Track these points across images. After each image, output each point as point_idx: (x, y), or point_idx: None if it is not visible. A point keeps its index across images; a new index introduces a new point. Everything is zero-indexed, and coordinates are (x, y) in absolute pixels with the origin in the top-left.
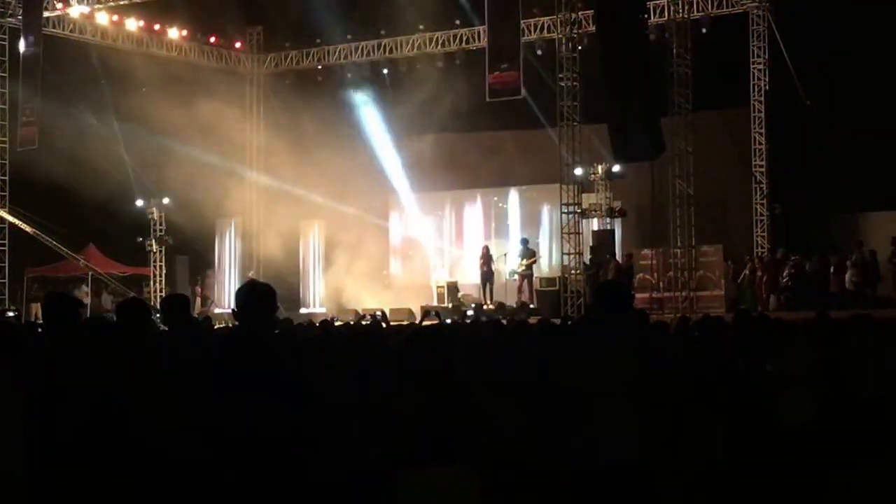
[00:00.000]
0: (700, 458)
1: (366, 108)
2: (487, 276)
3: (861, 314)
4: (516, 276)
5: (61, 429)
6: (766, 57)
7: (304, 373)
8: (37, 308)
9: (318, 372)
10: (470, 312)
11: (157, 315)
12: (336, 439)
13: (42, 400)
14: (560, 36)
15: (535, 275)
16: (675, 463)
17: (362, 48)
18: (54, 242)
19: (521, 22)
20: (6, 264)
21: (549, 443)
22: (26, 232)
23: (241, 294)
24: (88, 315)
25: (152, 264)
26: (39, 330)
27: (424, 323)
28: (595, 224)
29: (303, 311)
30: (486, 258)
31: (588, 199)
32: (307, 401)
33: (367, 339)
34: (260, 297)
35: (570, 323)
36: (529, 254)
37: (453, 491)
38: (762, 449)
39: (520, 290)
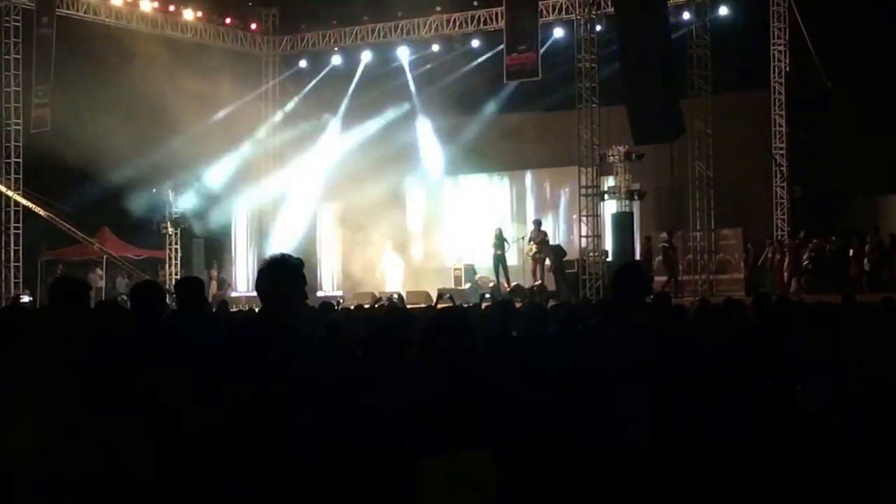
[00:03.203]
0: (718, 443)
1: (382, 91)
2: (500, 258)
3: (889, 298)
4: (529, 259)
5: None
6: (787, 38)
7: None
8: None
9: (333, 358)
10: (487, 295)
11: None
12: (354, 424)
13: (55, 382)
14: (578, 17)
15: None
16: (691, 448)
17: (379, 30)
18: (68, 226)
19: (540, 3)
20: (20, 248)
21: (567, 427)
22: (40, 215)
23: (265, 272)
24: (103, 298)
25: (168, 247)
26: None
27: (439, 306)
28: (614, 206)
29: (319, 294)
30: (499, 241)
31: (607, 182)
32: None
33: (386, 323)
34: (288, 277)
35: (590, 306)
36: (540, 236)
37: (471, 474)
38: (781, 434)
39: (534, 273)
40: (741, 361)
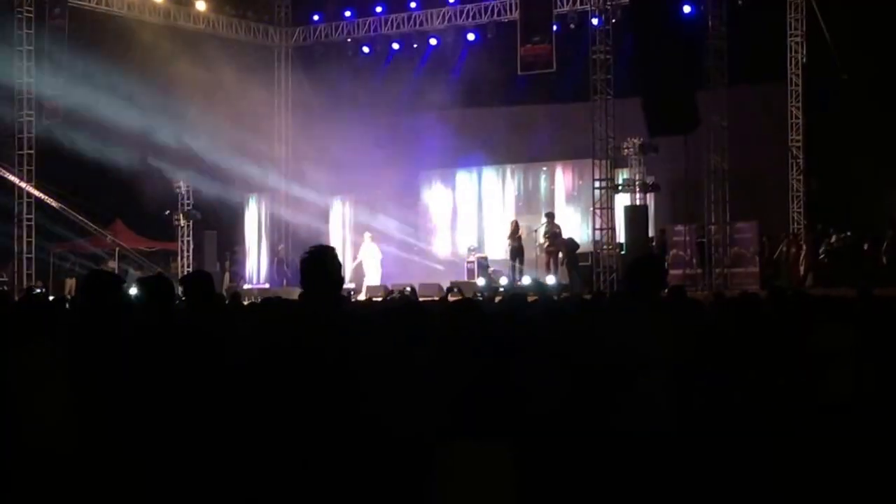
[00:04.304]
0: (736, 434)
1: (396, 82)
2: (517, 251)
3: None
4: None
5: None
6: (804, 29)
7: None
8: (71, 284)
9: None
10: (501, 288)
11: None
12: (373, 414)
13: (88, 374)
14: (593, 8)
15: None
16: (711, 439)
17: (392, 20)
18: (81, 217)
19: None
20: (33, 239)
21: (586, 417)
22: (52, 207)
23: (305, 264)
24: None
25: (180, 239)
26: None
27: (449, 299)
28: (627, 199)
29: None
30: (515, 233)
31: (621, 174)
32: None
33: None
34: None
35: (606, 298)
36: (553, 229)
37: (487, 464)
38: (800, 428)
39: (548, 266)
40: (758, 356)
